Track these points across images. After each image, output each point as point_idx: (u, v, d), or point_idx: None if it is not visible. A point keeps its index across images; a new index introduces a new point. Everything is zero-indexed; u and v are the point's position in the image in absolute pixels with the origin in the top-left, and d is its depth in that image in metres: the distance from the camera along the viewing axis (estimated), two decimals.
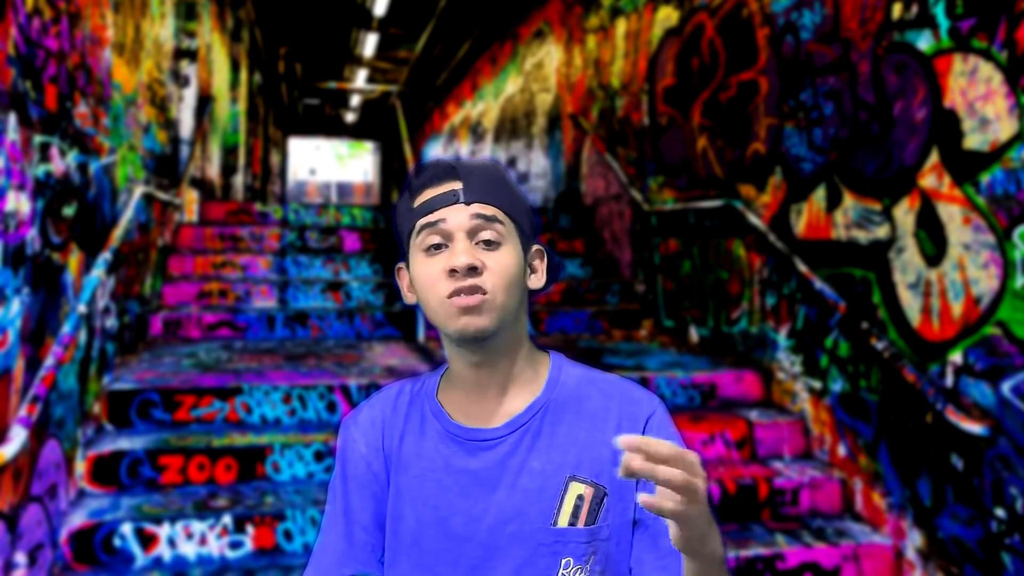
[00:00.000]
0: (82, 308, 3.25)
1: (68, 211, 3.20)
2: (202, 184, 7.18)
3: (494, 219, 1.00)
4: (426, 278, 0.99)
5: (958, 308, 2.92)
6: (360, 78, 15.13)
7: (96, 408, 3.52)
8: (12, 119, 2.58)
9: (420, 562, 1.02)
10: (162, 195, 5.29)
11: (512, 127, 9.97)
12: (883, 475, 3.29)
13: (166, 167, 5.51)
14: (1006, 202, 2.71)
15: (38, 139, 2.83)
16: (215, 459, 3.36)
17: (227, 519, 3.02)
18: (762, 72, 4.27)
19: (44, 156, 2.90)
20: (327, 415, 3.84)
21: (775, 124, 4.14)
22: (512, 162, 9.64)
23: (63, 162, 3.12)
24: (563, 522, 0.98)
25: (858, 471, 3.45)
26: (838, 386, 3.59)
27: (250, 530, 3.03)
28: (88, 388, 3.41)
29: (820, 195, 3.76)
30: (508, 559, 0.99)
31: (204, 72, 7.07)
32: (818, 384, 3.74)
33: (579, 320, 5.65)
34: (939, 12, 3.00)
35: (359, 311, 5.62)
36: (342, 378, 4.00)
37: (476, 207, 0.99)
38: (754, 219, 4.29)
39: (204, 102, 6.93)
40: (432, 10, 10.24)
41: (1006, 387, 2.71)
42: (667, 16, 5.45)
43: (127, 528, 2.94)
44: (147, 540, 2.95)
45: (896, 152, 3.25)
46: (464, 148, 12.99)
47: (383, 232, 6.89)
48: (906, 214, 3.20)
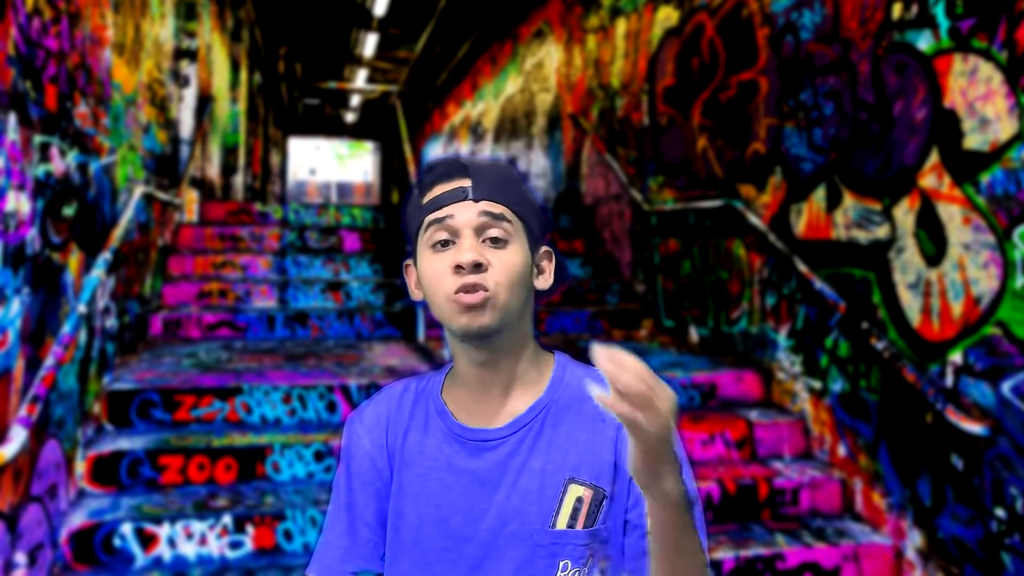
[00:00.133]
0: (82, 308, 3.25)
1: (68, 211, 3.20)
2: (202, 184, 7.18)
3: (502, 217, 0.99)
4: (432, 274, 0.99)
5: (958, 308, 2.92)
6: (360, 78, 15.14)
7: (96, 408, 3.52)
8: (12, 119, 2.58)
9: (421, 560, 1.03)
10: (162, 195, 5.29)
11: (512, 127, 9.97)
12: (883, 475, 3.29)
13: (166, 167, 5.51)
14: (1006, 202, 2.71)
15: (38, 139, 2.83)
16: (215, 459, 3.37)
17: (227, 519, 3.02)
18: (762, 72, 4.27)
19: (44, 156, 2.90)
20: (327, 415, 3.84)
21: (775, 124, 4.14)
22: (512, 162, 9.64)
23: (63, 162, 3.12)
24: (561, 524, 0.98)
25: (858, 471, 3.45)
26: (838, 386, 3.59)
27: (250, 530, 3.03)
28: (88, 388, 3.41)
29: (820, 195, 3.76)
30: (507, 560, 0.99)
31: (204, 72, 7.07)
32: (818, 384, 3.74)
33: (579, 320, 5.65)
34: (939, 12, 3.00)
35: (359, 311, 5.62)
36: (342, 378, 4.00)
37: (484, 205, 0.99)
38: (754, 219, 4.29)
39: (204, 102, 6.93)
40: (432, 10, 10.24)
41: (1006, 387, 2.71)
42: (667, 16, 5.45)
43: (127, 528, 2.94)
44: (147, 540, 2.95)
45: (896, 152, 3.25)
46: (464, 148, 12.99)
47: (383, 232, 6.89)
48: (906, 214, 3.20)
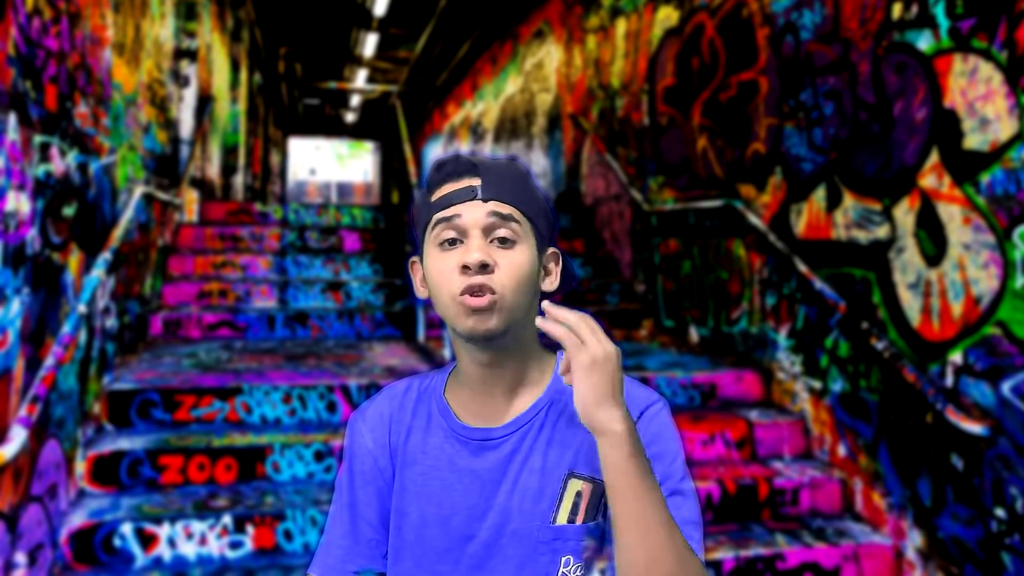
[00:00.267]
0: (82, 308, 3.25)
1: (68, 211, 3.20)
2: (202, 184, 7.18)
3: (510, 218, 0.99)
4: (438, 273, 0.99)
5: (958, 308, 2.92)
6: (360, 78, 15.14)
7: (96, 408, 3.52)
8: (12, 119, 2.58)
9: (423, 560, 1.03)
10: (162, 195, 5.29)
11: (512, 127, 9.97)
12: (883, 475, 3.29)
13: (166, 167, 5.51)
14: (1006, 202, 2.71)
15: (38, 139, 2.83)
16: (215, 459, 3.37)
17: (227, 519, 3.02)
18: (762, 72, 4.27)
19: (44, 156, 2.90)
20: (327, 415, 3.84)
21: (775, 124, 4.14)
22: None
23: (63, 162, 3.12)
24: (562, 519, 0.98)
25: (858, 471, 3.45)
26: (838, 386, 3.59)
27: (250, 530, 3.03)
28: (88, 388, 3.41)
29: (820, 195, 3.76)
30: (509, 557, 0.99)
31: (204, 72, 7.07)
32: (818, 384, 3.74)
33: None
34: (939, 12, 3.00)
35: (359, 311, 5.62)
36: (342, 378, 4.00)
37: (493, 205, 0.99)
38: (754, 219, 4.29)
39: (204, 102, 6.93)
40: (432, 10, 10.24)
41: (1006, 387, 2.71)
42: (667, 16, 5.45)
43: (127, 528, 2.94)
44: (147, 540, 2.95)
45: (896, 152, 3.25)
46: (464, 148, 12.98)
47: (383, 232, 6.89)
48: (906, 214, 3.20)
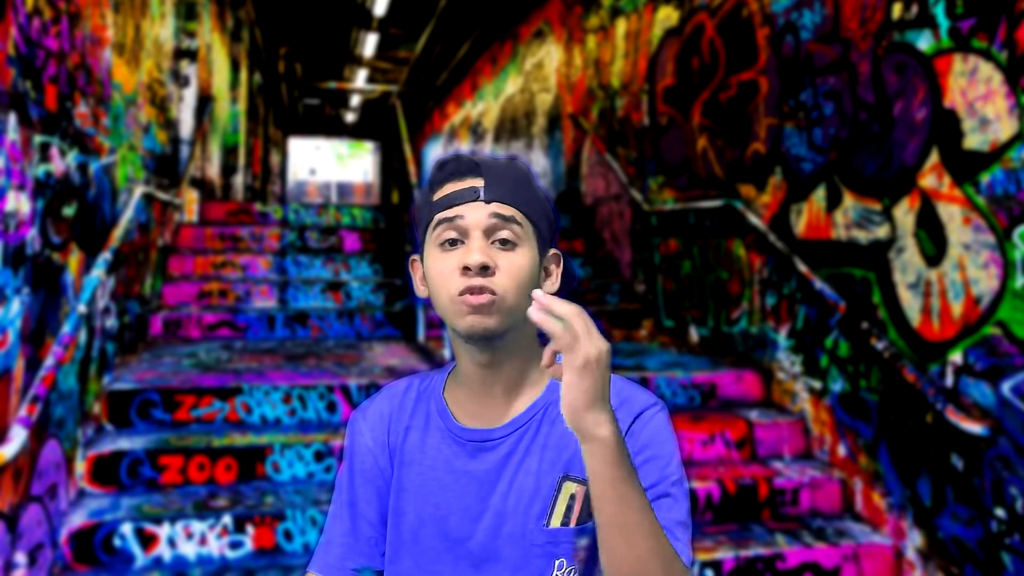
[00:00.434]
0: (82, 308, 3.25)
1: (68, 211, 3.20)
2: (202, 184, 7.18)
3: (512, 219, 0.98)
4: (439, 273, 0.99)
5: (958, 308, 2.92)
6: (360, 78, 15.14)
7: (96, 408, 3.52)
8: (12, 119, 2.58)
9: (419, 559, 1.03)
10: (162, 195, 5.29)
11: (512, 127, 9.97)
12: (883, 475, 3.29)
13: (166, 167, 5.51)
14: (1006, 202, 2.71)
15: (38, 139, 2.83)
16: (215, 459, 3.36)
17: (227, 519, 3.02)
18: (762, 72, 4.27)
19: (44, 156, 2.90)
20: (327, 415, 3.84)
21: (775, 124, 4.14)
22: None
23: (63, 162, 3.12)
24: (556, 522, 0.98)
25: (858, 471, 3.45)
26: (838, 386, 3.59)
27: (250, 530, 3.03)
28: (88, 388, 3.41)
29: (820, 195, 3.76)
30: (505, 559, 0.99)
31: (204, 72, 7.07)
32: (818, 384, 3.74)
33: None
34: (939, 12, 3.00)
35: (359, 311, 5.62)
36: (342, 378, 4.00)
37: (495, 206, 0.98)
38: (754, 219, 4.29)
39: (204, 102, 6.93)
40: (432, 10, 10.24)
41: (1006, 387, 2.71)
42: (667, 16, 5.45)
43: (127, 528, 2.94)
44: (147, 540, 2.95)
45: (896, 152, 3.25)
46: (464, 148, 12.98)
47: (383, 232, 6.89)
48: (906, 214, 3.20)
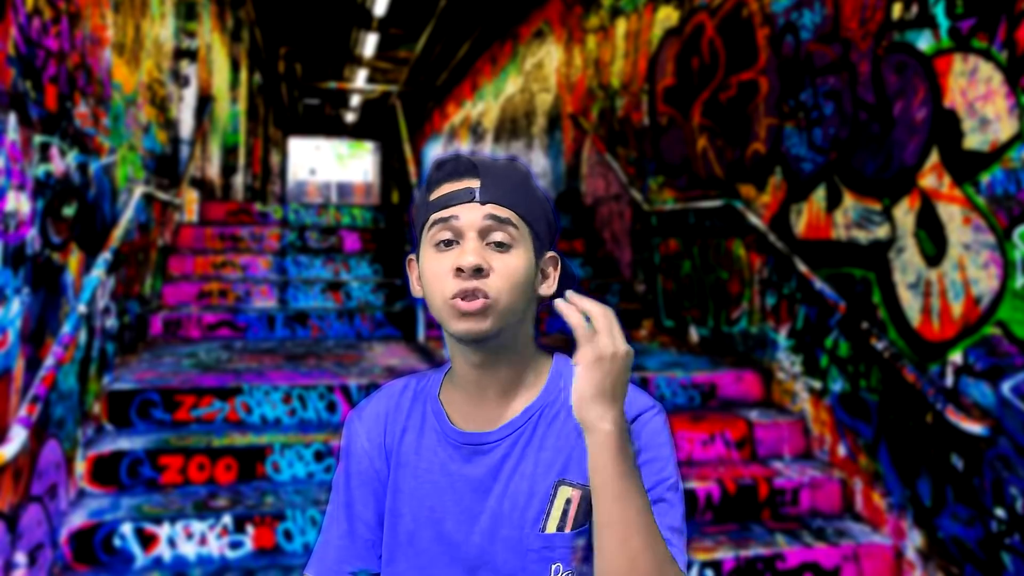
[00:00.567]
0: (82, 308, 3.25)
1: (68, 211, 3.20)
2: (202, 184, 7.18)
3: (507, 221, 0.98)
4: (433, 274, 0.98)
5: (958, 308, 2.92)
6: (360, 78, 15.13)
7: (96, 408, 3.52)
8: (12, 119, 2.58)
9: (416, 562, 1.02)
10: (162, 195, 5.29)
11: (512, 127, 9.97)
12: (883, 475, 3.29)
13: (166, 167, 5.51)
14: (1006, 202, 2.71)
15: (38, 139, 2.83)
16: (215, 459, 3.36)
17: (227, 519, 3.02)
18: (762, 72, 4.27)
19: (44, 156, 2.90)
20: (327, 415, 3.84)
21: (775, 124, 4.14)
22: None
23: (63, 162, 3.12)
24: (551, 527, 0.97)
25: (858, 471, 3.45)
26: (838, 386, 3.59)
27: (250, 530, 3.03)
28: (88, 388, 3.40)
29: (820, 195, 3.76)
30: (501, 563, 0.98)
31: (204, 72, 7.07)
32: (818, 384, 3.74)
33: None
34: (939, 12, 3.00)
35: (359, 311, 5.62)
36: (342, 378, 4.00)
37: (491, 208, 0.98)
38: (754, 219, 4.29)
39: (204, 102, 6.93)
40: (432, 10, 10.24)
41: (1006, 387, 2.71)
42: (667, 16, 5.45)
43: (127, 528, 2.94)
44: (147, 540, 2.95)
45: (896, 152, 3.25)
46: (464, 148, 12.98)
47: (383, 232, 6.89)
48: (906, 214, 3.20)
